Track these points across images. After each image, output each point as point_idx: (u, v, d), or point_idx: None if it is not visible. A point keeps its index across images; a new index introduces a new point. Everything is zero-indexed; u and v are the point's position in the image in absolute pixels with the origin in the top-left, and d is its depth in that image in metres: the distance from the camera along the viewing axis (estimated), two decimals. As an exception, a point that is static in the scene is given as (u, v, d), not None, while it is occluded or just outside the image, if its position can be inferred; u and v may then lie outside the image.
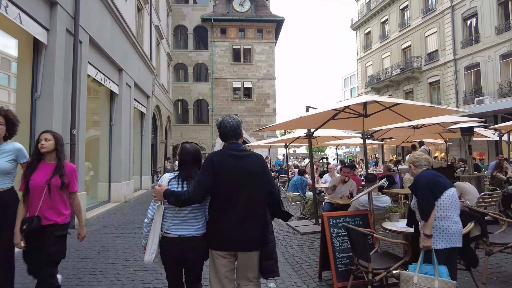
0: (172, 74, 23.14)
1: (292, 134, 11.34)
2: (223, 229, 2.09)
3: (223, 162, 2.12)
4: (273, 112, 23.86)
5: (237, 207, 2.09)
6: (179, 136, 23.14)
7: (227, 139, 2.23)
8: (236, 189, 2.10)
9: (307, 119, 6.03)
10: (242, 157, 2.15)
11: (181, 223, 2.18)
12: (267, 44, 24.02)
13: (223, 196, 2.10)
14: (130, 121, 11.07)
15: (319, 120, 6.24)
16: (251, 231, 2.09)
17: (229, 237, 2.08)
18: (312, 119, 6.07)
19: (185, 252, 2.13)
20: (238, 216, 2.08)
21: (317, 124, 6.34)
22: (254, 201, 2.13)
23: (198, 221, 2.21)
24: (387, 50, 26.69)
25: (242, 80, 23.65)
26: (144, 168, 14.03)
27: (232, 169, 2.11)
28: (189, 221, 2.19)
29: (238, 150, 2.18)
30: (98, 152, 9.82)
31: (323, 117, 6.08)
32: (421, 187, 2.54)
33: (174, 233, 2.15)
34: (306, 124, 6.36)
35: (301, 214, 7.35)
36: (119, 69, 10.10)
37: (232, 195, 2.10)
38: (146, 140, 14.19)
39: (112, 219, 7.34)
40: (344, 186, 5.41)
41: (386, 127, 8.05)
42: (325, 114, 5.91)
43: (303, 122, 6.20)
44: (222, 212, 2.10)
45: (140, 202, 10.33)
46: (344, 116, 6.01)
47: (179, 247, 2.12)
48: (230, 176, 2.10)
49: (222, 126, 2.21)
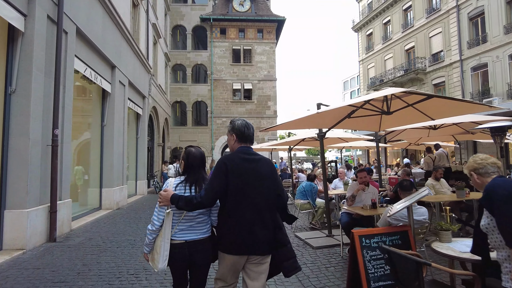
0: (170, 75, 22.47)
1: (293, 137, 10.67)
2: (234, 233, 2.08)
3: (236, 166, 2.10)
4: (274, 114, 23.18)
5: (248, 210, 2.08)
6: (177, 139, 22.42)
7: (245, 141, 2.23)
8: (247, 192, 2.10)
9: (319, 118, 5.35)
10: (253, 160, 2.16)
11: (188, 228, 2.16)
12: (268, 44, 23.41)
13: (235, 199, 2.09)
14: (124, 122, 10.37)
15: (333, 119, 5.56)
16: (262, 234, 2.08)
17: (241, 241, 2.06)
18: (325, 117, 5.39)
19: (193, 254, 2.14)
20: (249, 219, 2.07)
21: (330, 123, 5.66)
22: (264, 204, 2.13)
23: (204, 225, 2.21)
24: (389, 51, 26.20)
25: (242, 82, 23.01)
26: (140, 172, 13.29)
27: (244, 173, 2.10)
28: (195, 226, 2.18)
29: (249, 154, 2.18)
30: (88, 156, 9.11)
31: (338, 115, 5.40)
32: (503, 200, 1.82)
33: (181, 238, 2.14)
34: (317, 123, 5.68)
35: (310, 224, 6.65)
36: (112, 66, 9.41)
37: (243, 199, 2.09)
38: (142, 142, 13.47)
39: (101, 229, 6.60)
40: (364, 194, 4.72)
41: (401, 128, 7.37)
42: (340, 112, 5.23)
43: (314, 121, 5.52)
44: (233, 215, 2.09)
45: (134, 209, 9.58)
46: (361, 114, 5.34)
47: (187, 251, 2.13)
48: (242, 180, 2.10)
49: (246, 128, 2.21)
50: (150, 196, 13.26)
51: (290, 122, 5.09)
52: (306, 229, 6.61)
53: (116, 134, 9.47)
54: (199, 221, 2.19)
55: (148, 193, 14.00)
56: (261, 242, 2.08)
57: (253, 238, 2.06)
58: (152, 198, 12.48)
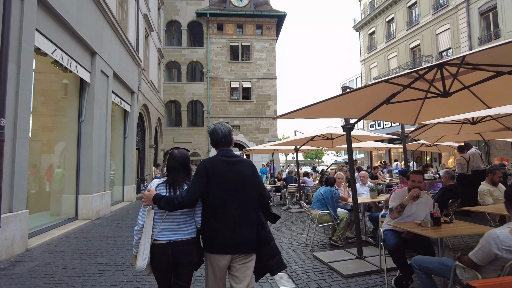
0: (164, 73, 21.18)
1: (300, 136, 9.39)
2: (218, 233, 2.11)
3: (216, 167, 2.15)
4: (274, 115, 21.91)
5: (231, 210, 2.12)
6: (171, 141, 21.06)
7: (218, 146, 2.27)
8: (229, 193, 2.14)
9: (349, 102, 4.08)
10: (234, 162, 2.21)
11: (171, 228, 2.14)
12: (267, 41, 22.24)
13: (217, 200, 2.12)
14: (107, 119, 9.03)
15: (366, 105, 4.29)
16: (246, 234, 2.12)
17: (224, 240, 2.09)
18: (357, 102, 4.12)
19: (177, 255, 2.09)
20: (232, 219, 2.11)
21: (362, 111, 4.38)
22: (246, 204, 2.17)
23: (188, 226, 2.19)
24: (393, 50, 25.22)
25: (241, 80, 21.76)
26: (127, 176, 11.92)
27: (224, 175, 2.15)
28: (179, 226, 2.15)
29: (230, 156, 2.23)
30: (62, 156, 7.76)
31: (374, 99, 4.13)
32: None
33: (164, 239, 2.11)
34: (345, 111, 4.39)
35: (330, 241, 5.35)
36: (92, 52, 8.10)
37: (225, 200, 2.13)
38: (130, 143, 12.11)
39: (68, 248, 5.24)
40: (415, 205, 3.44)
41: (434, 121, 6.12)
42: (378, 94, 3.96)
43: (342, 107, 4.24)
44: (216, 216, 2.12)
45: (117, 218, 8.22)
46: (403, 98, 4.08)
47: (170, 252, 2.08)
48: (223, 181, 2.14)
49: (214, 133, 2.26)
50: (138, 202, 11.88)
51: (309, 108, 3.81)
52: (325, 247, 5.31)
53: (96, 132, 8.14)
54: (183, 221, 2.18)
55: (137, 199, 12.62)
56: (245, 241, 2.11)
57: (236, 237, 2.09)
58: (141, 205, 11.11)
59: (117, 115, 11.58)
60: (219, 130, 2.26)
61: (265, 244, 2.19)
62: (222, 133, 2.25)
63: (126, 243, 5.56)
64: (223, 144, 2.26)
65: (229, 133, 2.28)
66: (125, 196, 11.78)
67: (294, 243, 5.65)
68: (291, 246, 5.41)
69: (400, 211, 3.46)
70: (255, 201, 2.23)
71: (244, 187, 2.18)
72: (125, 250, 5.10)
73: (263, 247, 2.19)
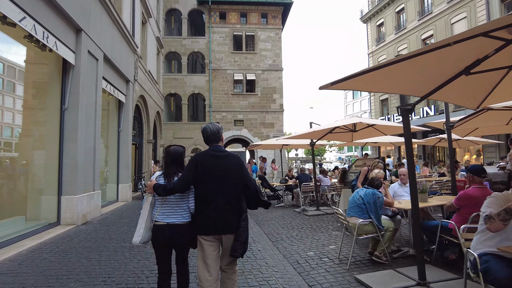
0: (163, 64, 19.96)
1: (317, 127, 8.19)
2: (206, 217, 2.47)
3: (205, 161, 2.51)
4: (280, 109, 20.73)
5: (217, 198, 2.46)
6: (171, 136, 19.89)
7: (209, 142, 2.64)
8: (216, 183, 2.48)
9: (409, 73, 2.91)
10: (221, 157, 2.55)
11: (169, 212, 2.54)
12: (273, 30, 20.97)
13: (206, 189, 2.49)
14: (97, 108, 7.85)
15: (431, 78, 3.10)
16: (229, 218, 2.47)
17: (211, 223, 2.45)
18: (421, 72, 2.94)
19: (173, 236, 2.50)
20: (218, 206, 2.45)
21: (427, 86, 3.20)
22: (231, 193, 2.50)
23: (183, 211, 2.57)
24: (403, 41, 24.00)
25: (244, 72, 20.53)
26: (122, 173, 10.76)
27: (212, 167, 2.50)
28: (175, 211, 2.55)
29: (218, 151, 2.58)
30: (41, 150, 6.61)
31: (442, 70, 2.95)
32: None
33: (163, 221, 2.52)
34: (404, 86, 3.20)
35: (372, 256, 4.20)
36: (77, 29, 6.92)
37: (213, 189, 2.48)
38: (125, 137, 10.95)
39: (35, 268, 4.09)
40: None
41: (500, 105, 4.92)
42: (452, 61, 2.77)
43: (400, 81, 3.05)
44: (205, 203, 2.48)
45: (108, 223, 7.07)
46: (486, 67, 2.89)
47: (167, 232, 2.49)
48: (211, 173, 2.49)
49: (205, 132, 2.63)
50: (135, 203, 10.72)
51: (363, 78, 2.62)
52: (364, 264, 4.16)
53: (83, 122, 6.97)
54: (179, 207, 2.57)
55: (134, 199, 11.47)
56: (227, 224, 2.47)
57: (222, 220, 2.46)
58: (137, 206, 9.97)
59: (111, 106, 10.41)
60: (208, 129, 2.62)
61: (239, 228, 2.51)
62: (211, 131, 2.60)
63: (113, 259, 4.41)
64: (212, 140, 2.62)
65: (217, 131, 2.63)
66: (119, 195, 10.63)
67: (324, 258, 4.50)
68: (321, 263, 4.26)
69: (506, 218, 2.29)
70: (239, 191, 2.54)
71: (229, 178, 2.50)
72: (109, 270, 3.95)
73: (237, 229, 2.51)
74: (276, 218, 7.82)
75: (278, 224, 7.00)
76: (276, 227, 6.75)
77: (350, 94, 69.59)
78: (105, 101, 9.56)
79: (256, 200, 2.66)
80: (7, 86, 5.96)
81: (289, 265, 4.28)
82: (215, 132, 2.60)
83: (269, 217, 7.87)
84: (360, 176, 5.85)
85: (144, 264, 4.20)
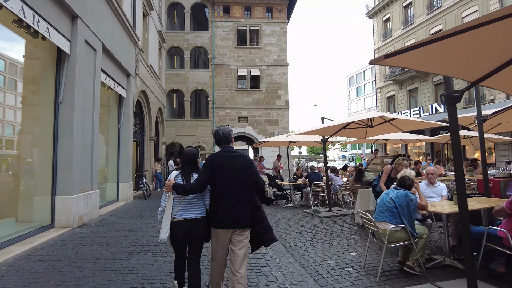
0: (165, 59, 19.43)
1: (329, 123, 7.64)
2: (221, 212, 2.68)
3: (220, 161, 2.73)
4: (285, 105, 20.16)
5: (230, 194, 2.69)
6: (173, 133, 19.39)
7: (221, 144, 2.87)
8: (229, 181, 2.70)
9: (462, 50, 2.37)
10: (233, 157, 2.77)
11: (186, 209, 2.78)
12: (278, 24, 20.37)
13: (220, 186, 2.70)
14: (94, 101, 7.35)
15: (486, 57, 2.55)
16: (242, 213, 2.68)
17: (226, 217, 2.66)
18: (475, 50, 2.39)
19: (190, 229, 2.74)
20: (231, 201, 2.67)
21: (482, 68, 2.65)
22: (243, 190, 2.73)
23: (199, 207, 2.81)
24: (411, 36, 23.38)
25: (249, 67, 19.97)
26: (123, 172, 10.27)
27: (226, 166, 2.72)
28: (192, 207, 2.79)
29: (230, 152, 2.80)
30: (34, 147, 6.12)
31: (499, 50, 2.39)
32: None
33: (181, 217, 2.75)
34: (460, 66, 2.66)
35: (404, 266, 3.66)
36: (72, 16, 6.40)
37: (227, 186, 2.69)
38: (126, 133, 10.45)
39: (19, 280, 3.60)
40: None
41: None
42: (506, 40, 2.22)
43: (456, 59, 2.50)
44: (220, 199, 2.70)
45: (107, 225, 6.57)
46: None
47: (185, 227, 2.74)
48: (225, 172, 2.70)
49: (217, 134, 2.85)
50: (136, 202, 10.24)
51: (425, 48, 2.07)
52: (395, 275, 3.63)
53: (79, 116, 6.47)
54: (194, 203, 2.80)
55: (135, 199, 10.99)
56: (241, 219, 2.68)
57: (235, 215, 2.66)
58: (138, 206, 9.48)
59: (111, 100, 9.91)
60: (220, 131, 2.86)
61: (259, 222, 2.80)
62: (223, 133, 2.85)
63: (110, 268, 3.90)
64: (224, 142, 2.86)
65: (228, 133, 2.87)
66: (120, 195, 10.15)
67: (347, 267, 3.98)
68: (345, 274, 3.73)
69: None
70: (250, 187, 2.79)
71: (241, 176, 2.75)
72: (104, 283, 3.45)
73: (258, 224, 2.79)
74: (286, 219, 7.30)
75: (289, 227, 6.48)
76: (287, 230, 6.23)
77: (354, 92, 68.75)
78: (105, 96, 9.07)
79: (261, 197, 2.95)
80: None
81: (309, 276, 3.77)
82: (227, 134, 2.84)
83: (279, 219, 7.36)
84: (383, 175, 5.31)
85: (144, 275, 3.69)
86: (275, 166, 13.27)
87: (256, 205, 2.78)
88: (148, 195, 11.81)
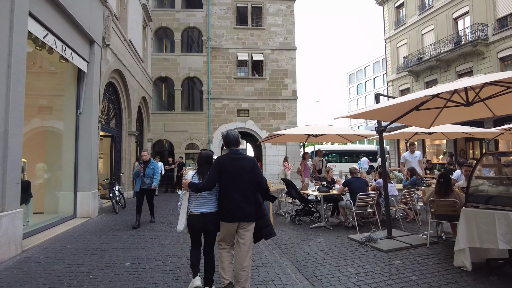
0: (152, 42, 16.48)
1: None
2: (227, 208, 3.09)
3: (226, 162, 3.13)
4: (293, 96, 17.32)
5: (236, 193, 3.08)
6: (161, 129, 16.44)
7: (230, 146, 3.26)
8: (235, 180, 3.09)
9: None
10: (239, 159, 3.17)
11: (202, 204, 3.19)
12: (284, 2, 17.54)
13: (227, 185, 3.10)
14: (11, 63, 4.44)
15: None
16: (246, 209, 3.07)
17: (232, 212, 3.07)
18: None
19: (206, 222, 3.17)
20: (236, 198, 3.07)
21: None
22: (247, 188, 3.11)
23: (212, 202, 3.22)
24: (429, 22, 20.88)
25: (250, 51, 17.09)
26: (82, 176, 7.31)
27: (232, 167, 3.11)
28: (206, 203, 3.20)
29: (236, 154, 3.20)
30: None
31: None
32: None
33: (197, 211, 3.17)
34: None
35: None
36: None
37: (232, 185, 3.09)
38: (87, 123, 7.48)
39: None
40: None
41: None
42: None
43: None
44: (226, 196, 3.11)
45: (17, 279, 3.68)
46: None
47: (201, 220, 3.16)
48: (231, 172, 3.10)
49: (227, 137, 3.26)
50: (101, 219, 7.29)
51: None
52: None
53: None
54: (208, 199, 3.20)
55: (102, 213, 8.05)
56: (245, 214, 3.07)
57: (240, 211, 3.06)
58: (102, 226, 6.56)
59: (65, 76, 6.98)
60: (230, 135, 3.25)
61: (261, 217, 3.16)
62: (233, 136, 3.25)
63: None
64: (233, 144, 3.25)
65: (238, 137, 3.28)
66: (78, 209, 7.20)
67: None
68: None
69: None
70: (254, 186, 3.16)
71: (245, 176, 3.12)
72: None
73: (260, 219, 3.15)
74: (325, 254, 4.51)
75: (337, 271, 3.74)
76: (337, 280, 3.42)
77: (354, 89, 66.32)
78: (50, 65, 6.14)
79: (264, 195, 3.26)
80: None
81: None
82: (236, 138, 3.26)
83: (312, 253, 4.56)
84: None
85: None
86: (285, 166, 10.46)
87: (258, 202, 3.16)
88: (122, 207, 8.88)
